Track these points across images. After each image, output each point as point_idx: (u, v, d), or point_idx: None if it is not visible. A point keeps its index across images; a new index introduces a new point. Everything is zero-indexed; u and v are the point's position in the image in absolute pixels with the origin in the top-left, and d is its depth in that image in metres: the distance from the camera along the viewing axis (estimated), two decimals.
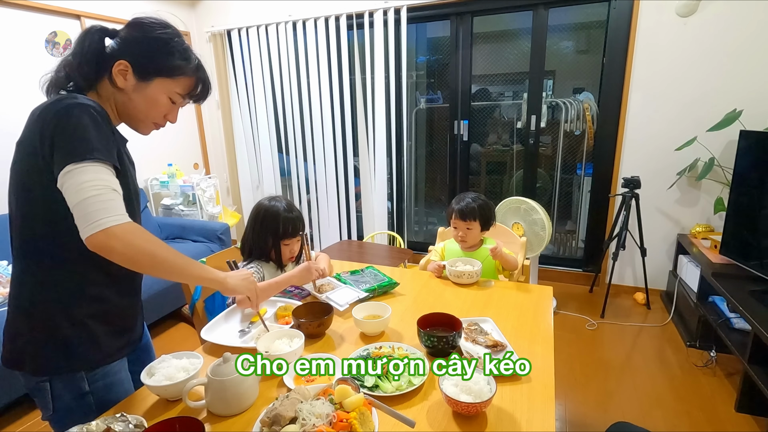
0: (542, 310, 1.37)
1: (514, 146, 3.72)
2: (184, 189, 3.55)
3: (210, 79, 1.04)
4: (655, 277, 3.03)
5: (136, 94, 0.94)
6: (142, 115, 0.97)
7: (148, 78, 0.93)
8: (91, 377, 0.96)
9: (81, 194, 0.79)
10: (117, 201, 0.83)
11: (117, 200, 0.83)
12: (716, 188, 2.71)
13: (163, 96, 0.96)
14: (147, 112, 0.97)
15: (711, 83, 2.63)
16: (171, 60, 0.94)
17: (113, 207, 0.81)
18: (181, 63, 0.95)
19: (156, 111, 0.98)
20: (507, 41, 3.55)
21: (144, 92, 0.94)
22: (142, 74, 0.93)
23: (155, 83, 0.94)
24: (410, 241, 3.86)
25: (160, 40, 0.94)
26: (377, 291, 1.48)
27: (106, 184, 0.81)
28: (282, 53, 3.65)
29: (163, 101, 0.97)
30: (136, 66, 0.92)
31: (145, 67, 0.93)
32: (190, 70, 0.98)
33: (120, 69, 0.91)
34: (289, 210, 1.49)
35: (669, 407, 1.97)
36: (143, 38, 0.93)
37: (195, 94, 1.01)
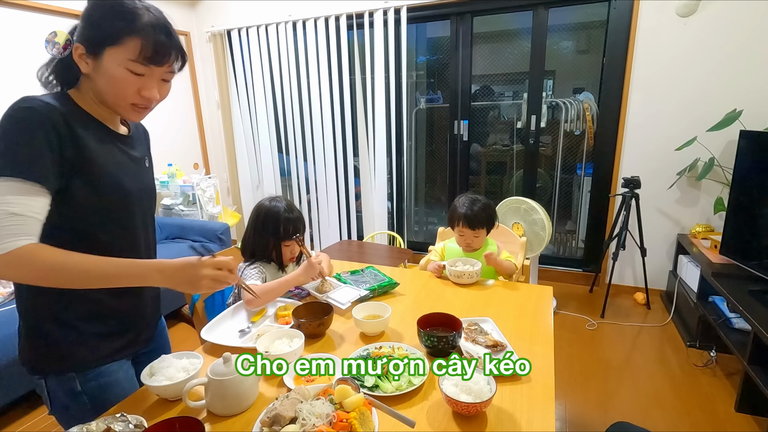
0: (542, 310, 1.36)
1: (514, 146, 3.72)
2: (184, 189, 3.55)
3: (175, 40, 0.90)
4: (655, 277, 3.03)
5: (98, 76, 0.86)
6: (112, 97, 0.88)
7: (98, 52, 0.84)
8: (83, 378, 0.95)
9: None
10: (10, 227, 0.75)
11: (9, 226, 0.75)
12: (716, 188, 2.71)
13: (118, 68, 0.85)
14: (114, 92, 0.87)
15: (711, 83, 2.63)
16: (113, 23, 0.84)
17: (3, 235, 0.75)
18: (120, 24, 0.84)
19: (122, 88, 0.87)
20: (507, 41, 3.55)
21: (101, 71, 0.86)
22: (92, 51, 0.85)
23: (105, 57, 0.84)
24: (410, 241, 3.86)
25: (97, 7, 0.85)
26: (377, 291, 1.48)
27: (8, 208, 0.75)
28: (282, 53, 3.65)
29: (121, 74, 0.85)
30: (86, 44, 0.85)
31: (91, 42, 0.85)
32: (136, 29, 0.84)
33: (79, 54, 0.85)
34: (289, 210, 1.49)
35: (669, 407, 1.97)
36: (88, 11, 0.86)
37: (148, 54, 0.85)
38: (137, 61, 0.85)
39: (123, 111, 0.91)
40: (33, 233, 0.78)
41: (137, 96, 0.89)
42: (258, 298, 1.26)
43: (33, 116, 0.80)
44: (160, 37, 0.86)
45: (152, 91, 0.89)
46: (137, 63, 0.85)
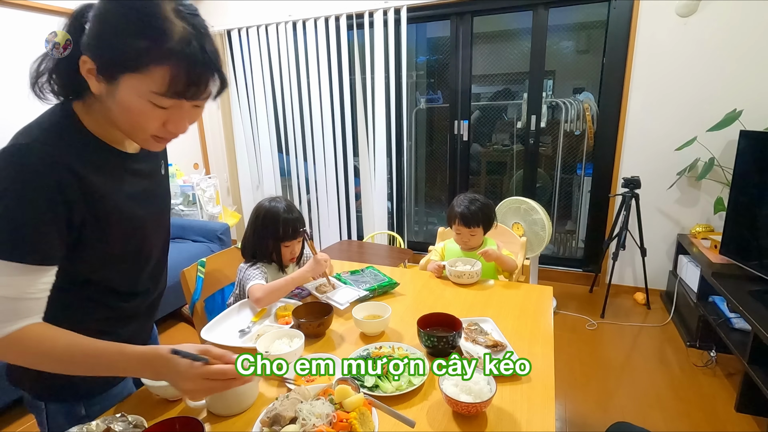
0: (542, 310, 1.36)
1: (514, 146, 3.72)
2: (184, 189, 3.55)
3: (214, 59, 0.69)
4: (655, 277, 3.03)
5: (111, 101, 0.69)
6: (129, 128, 0.72)
7: (114, 77, 0.66)
8: (88, 402, 0.92)
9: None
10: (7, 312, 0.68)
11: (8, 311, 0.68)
12: (716, 188, 2.71)
13: (139, 100, 0.67)
14: (132, 123, 0.71)
15: (711, 83, 2.63)
16: (132, 42, 0.63)
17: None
18: (144, 44, 0.63)
19: (142, 121, 0.70)
20: (507, 41, 3.56)
21: (116, 98, 0.68)
22: (106, 72, 0.66)
23: (123, 83, 0.66)
24: (410, 241, 3.86)
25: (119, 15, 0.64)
26: (377, 291, 1.48)
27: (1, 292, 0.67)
28: (282, 53, 3.65)
29: (142, 107, 0.67)
30: (99, 61, 0.66)
31: (105, 62, 0.66)
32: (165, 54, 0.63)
33: (87, 68, 0.67)
34: (288, 211, 1.49)
35: (669, 407, 1.97)
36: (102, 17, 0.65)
37: (179, 89, 0.66)
38: (163, 95, 0.66)
39: (141, 142, 0.76)
40: (29, 315, 0.70)
41: (161, 129, 0.72)
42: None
43: (33, 180, 0.66)
44: (196, 63, 0.66)
45: (181, 124, 0.73)
46: (163, 97, 0.67)
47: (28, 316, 0.70)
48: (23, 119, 0.88)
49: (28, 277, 0.69)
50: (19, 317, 0.69)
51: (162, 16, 0.64)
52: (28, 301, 0.70)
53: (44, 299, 0.72)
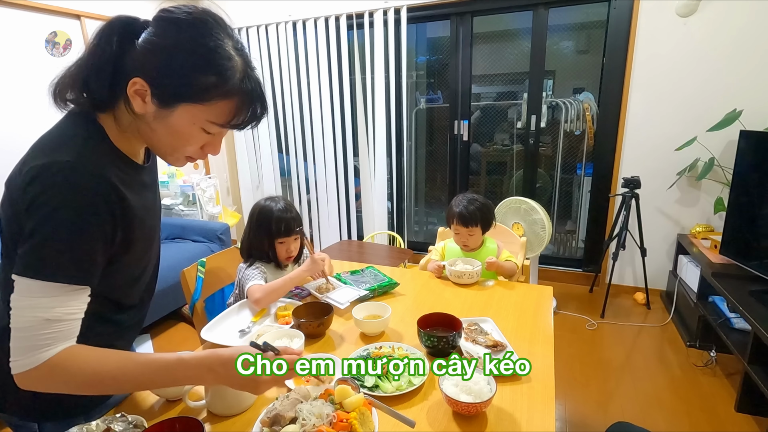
0: (542, 310, 1.36)
1: (514, 146, 3.72)
2: (184, 189, 3.55)
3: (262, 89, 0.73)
4: (655, 277, 3.03)
5: (158, 124, 0.70)
6: (169, 149, 0.75)
7: (170, 104, 0.68)
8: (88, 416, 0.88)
9: (13, 321, 0.65)
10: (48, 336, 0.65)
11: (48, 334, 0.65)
12: (716, 188, 2.71)
13: (192, 127, 0.70)
14: (174, 146, 0.74)
15: (711, 83, 2.63)
16: (201, 77, 0.66)
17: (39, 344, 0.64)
18: (215, 80, 0.67)
19: (187, 145, 0.73)
20: (507, 41, 3.56)
21: (167, 122, 0.70)
22: (163, 99, 0.68)
23: (180, 110, 0.69)
24: (410, 241, 3.86)
25: (187, 49, 0.66)
26: (377, 291, 1.48)
27: (44, 315, 0.64)
28: (282, 53, 3.65)
29: (194, 133, 0.71)
30: (156, 86, 0.67)
31: (165, 89, 0.67)
32: (232, 88, 0.68)
33: (136, 89, 0.67)
34: (284, 210, 1.49)
35: (669, 407, 1.97)
36: (164, 45, 0.66)
37: (238, 121, 0.71)
38: (221, 125, 0.71)
39: (173, 160, 0.78)
40: (69, 337, 0.68)
41: (198, 152, 0.76)
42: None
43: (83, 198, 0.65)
44: (254, 98, 0.71)
45: (217, 147, 0.77)
46: (218, 126, 0.71)
47: (68, 339, 0.68)
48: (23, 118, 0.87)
49: (71, 297, 0.67)
50: (59, 340, 0.66)
51: (228, 55, 0.67)
52: (69, 323, 0.68)
53: (80, 321, 0.70)
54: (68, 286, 0.66)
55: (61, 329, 0.67)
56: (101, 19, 3.16)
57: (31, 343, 0.65)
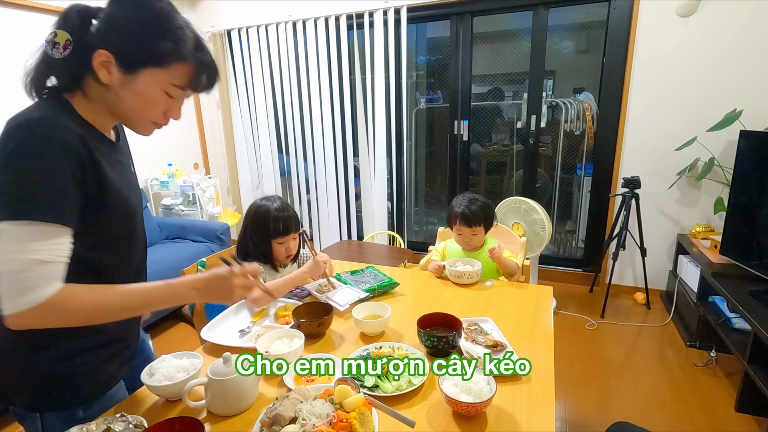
0: (542, 310, 1.36)
1: (514, 146, 3.72)
2: (184, 189, 3.55)
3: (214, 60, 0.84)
4: (655, 277, 3.03)
5: (125, 91, 0.78)
6: (136, 115, 0.82)
7: (135, 69, 0.76)
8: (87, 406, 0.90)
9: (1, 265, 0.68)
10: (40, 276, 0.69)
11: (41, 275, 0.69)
12: (716, 188, 2.71)
13: (156, 90, 0.79)
14: (141, 110, 0.81)
15: (711, 83, 2.63)
16: (160, 43, 0.75)
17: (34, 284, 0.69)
18: (172, 46, 0.76)
19: (152, 109, 0.81)
20: (507, 41, 3.56)
21: (132, 87, 0.78)
22: (127, 65, 0.76)
23: (144, 75, 0.77)
24: (410, 241, 3.86)
25: (143, 19, 0.75)
26: (377, 291, 1.48)
27: (31, 256, 0.68)
28: (282, 53, 3.65)
29: (158, 96, 0.80)
30: (119, 55, 0.75)
31: (128, 57, 0.76)
32: (187, 54, 0.78)
33: (101, 61, 0.75)
34: (281, 209, 1.48)
35: (669, 407, 1.97)
36: (123, 18, 0.75)
37: (197, 84, 0.82)
38: (179, 87, 0.80)
39: (140, 127, 0.85)
40: (61, 277, 0.73)
41: (162, 116, 0.84)
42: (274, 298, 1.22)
43: (55, 146, 0.71)
44: (209, 64, 0.82)
45: (178, 111, 0.86)
46: (178, 88, 0.80)
47: (62, 278, 0.73)
48: None
49: (56, 240, 0.72)
50: (55, 279, 0.72)
51: (180, 25, 0.78)
52: (60, 264, 0.73)
53: (66, 264, 0.74)
54: (46, 225, 0.70)
55: (53, 270, 0.71)
56: None
57: (25, 285, 0.68)
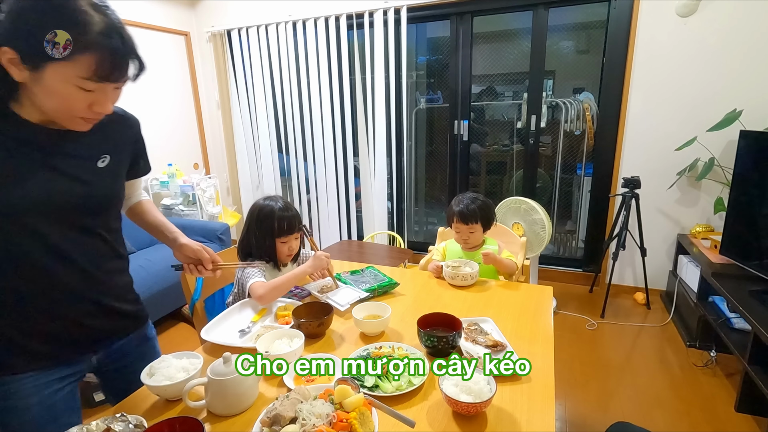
0: (542, 310, 1.37)
1: (514, 146, 3.72)
2: (184, 189, 3.55)
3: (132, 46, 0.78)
4: (655, 277, 3.03)
5: (36, 87, 0.75)
6: (55, 111, 0.78)
7: (38, 65, 0.72)
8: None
9: None
10: None
11: None
12: (716, 188, 2.71)
13: (65, 85, 0.74)
14: (58, 107, 0.77)
15: (711, 83, 2.63)
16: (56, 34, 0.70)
17: None
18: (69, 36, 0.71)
19: (69, 104, 0.77)
20: (507, 41, 3.55)
21: (42, 84, 0.74)
22: (30, 61, 0.72)
23: (49, 71, 0.72)
24: (410, 241, 3.86)
25: (38, 9, 0.70)
26: (377, 291, 1.48)
27: None
28: (282, 53, 3.65)
29: (69, 91, 0.75)
30: (21, 52, 0.71)
31: (29, 52, 0.71)
32: (88, 43, 0.72)
33: (9, 58, 0.72)
34: (284, 209, 1.49)
35: (669, 407, 1.97)
36: (19, 10, 0.70)
37: (104, 73, 0.75)
38: (90, 79, 0.74)
39: (68, 124, 0.82)
40: None
41: (87, 111, 0.79)
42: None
43: None
44: (117, 49, 0.75)
45: (106, 105, 0.81)
46: (89, 81, 0.75)
47: None
48: None
49: None
50: None
51: (80, 10, 0.71)
52: None
53: None
54: None
55: None
56: None
57: None
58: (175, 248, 1.11)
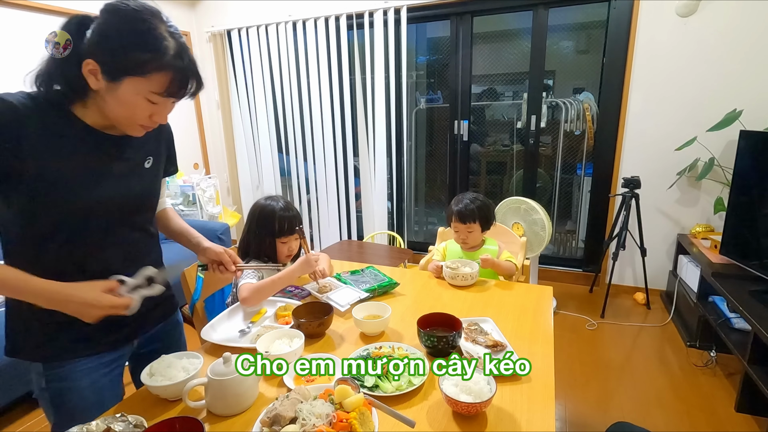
0: (542, 310, 1.36)
1: (514, 146, 3.72)
2: (184, 189, 3.55)
3: (196, 68, 0.88)
4: (655, 277, 3.03)
5: (110, 97, 0.84)
6: (121, 118, 0.88)
7: (117, 78, 0.82)
8: (49, 376, 0.96)
9: None
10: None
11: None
12: (716, 188, 2.71)
13: (137, 97, 0.84)
14: (125, 114, 0.87)
15: (711, 83, 2.63)
16: (139, 54, 0.80)
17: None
18: (150, 56, 0.81)
19: (134, 114, 0.87)
20: (507, 41, 3.55)
21: (116, 94, 0.83)
22: (110, 74, 0.81)
23: (125, 83, 0.82)
24: (410, 241, 3.86)
25: (127, 33, 0.80)
26: (377, 291, 1.48)
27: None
28: (282, 53, 3.65)
29: (139, 103, 0.85)
30: (104, 65, 0.81)
31: (111, 66, 0.81)
32: (164, 64, 0.82)
33: (90, 69, 0.81)
34: (285, 209, 1.49)
35: (669, 407, 1.97)
36: (110, 31, 0.81)
37: (173, 90, 0.86)
38: (159, 94, 0.85)
39: (129, 130, 0.91)
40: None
41: (147, 120, 0.89)
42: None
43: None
44: (186, 70, 0.85)
45: (163, 116, 0.92)
46: (158, 95, 0.85)
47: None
48: None
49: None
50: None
51: (160, 35, 0.82)
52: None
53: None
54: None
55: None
56: None
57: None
58: (200, 252, 1.23)
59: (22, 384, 1.96)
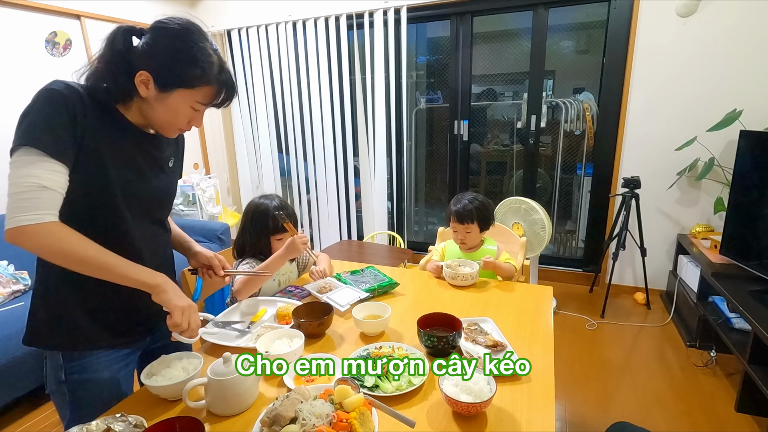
0: (542, 310, 1.37)
1: (514, 146, 3.73)
2: (184, 189, 3.55)
3: (233, 80, 1.00)
4: (655, 277, 3.03)
5: (158, 104, 0.94)
6: (165, 123, 0.98)
7: (169, 89, 0.92)
8: (69, 368, 0.97)
9: (10, 188, 0.82)
10: (41, 200, 0.81)
11: (42, 198, 0.81)
12: (716, 188, 2.71)
13: (184, 106, 0.95)
14: (170, 120, 0.97)
15: (711, 83, 2.63)
16: (190, 70, 0.91)
17: (34, 206, 0.81)
18: (200, 72, 0.92)
19: (178, 120, 0.97)
20: (507, 41, 3.56)
21: (165, 102, 0.93)
22: (162, 85, 0.91)
23: (175, 94, 0.92)
24: (410, 241, 3.86)
25: (179, 50, 0.91)
26: (377, 291, 1.48)
27: (36, 181, 0.81)
28: (282, 53, 3.65)
29: (184, 111, 0.96)
30: (156, 77, 0.90)
31: (164, 79, 0.91)
32: (212, 78, 0.94)
33: (141, 79, 0.90)
34: (279, 207, 1.49)
35: (669, 407, 1.97)
36: (163, 47, 0.91)
37: (217, 102, 0.99)
38: (203, 104, 0.97)
39: (166, 132, 1.01)
40: (57, 207, 0.84)
41: (186, 125, 1.00)
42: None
43: (56, 96, 0.85)
44: (227, 83, 0.97)
45: (199, 122, 1.02)
46: (202, 105, 0.96)
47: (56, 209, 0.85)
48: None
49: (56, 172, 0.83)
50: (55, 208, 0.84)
51: (208, 54, 0.93)
52: (59, 195, 0.84)
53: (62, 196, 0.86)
54: (47, 157, 0.82)
55: (54, 199, 0.83)
56: (101, 19, 3.16)
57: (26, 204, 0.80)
58: (190, 256, 1.24)
59: (24, 383, 1.96)
